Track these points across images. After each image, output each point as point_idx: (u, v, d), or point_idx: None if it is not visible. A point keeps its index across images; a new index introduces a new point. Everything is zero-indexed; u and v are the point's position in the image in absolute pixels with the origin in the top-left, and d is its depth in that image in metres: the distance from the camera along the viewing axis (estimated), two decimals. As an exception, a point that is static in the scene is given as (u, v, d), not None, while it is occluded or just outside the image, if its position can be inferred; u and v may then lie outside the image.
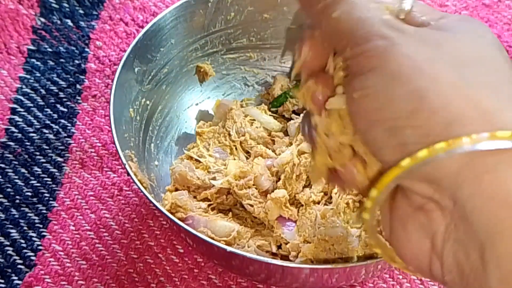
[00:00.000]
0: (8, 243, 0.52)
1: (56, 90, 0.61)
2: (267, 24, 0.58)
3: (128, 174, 0.43)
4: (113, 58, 0.64)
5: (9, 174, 0.55)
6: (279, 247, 0.49)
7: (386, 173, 0.25)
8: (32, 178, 0.55)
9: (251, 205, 0.49)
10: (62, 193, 0.54)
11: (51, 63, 0.63)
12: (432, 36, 0.26)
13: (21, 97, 0.60)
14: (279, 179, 0.50)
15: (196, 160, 0.54)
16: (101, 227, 0.53)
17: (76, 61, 0.63)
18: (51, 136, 0.58)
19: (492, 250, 0.22)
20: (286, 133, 0.56)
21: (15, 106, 0.60)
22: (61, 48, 0.64)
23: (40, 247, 0.51)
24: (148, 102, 0.53)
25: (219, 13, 0.56)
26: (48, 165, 0.56)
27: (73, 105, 0.60)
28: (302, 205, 0.49)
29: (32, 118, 0.59)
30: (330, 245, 0.45)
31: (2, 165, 0.56)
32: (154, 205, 0.42)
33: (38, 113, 0.60)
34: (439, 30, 0.26)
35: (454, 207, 0.24)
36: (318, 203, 0.48)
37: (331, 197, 0.48)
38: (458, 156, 0.23)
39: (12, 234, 0.52)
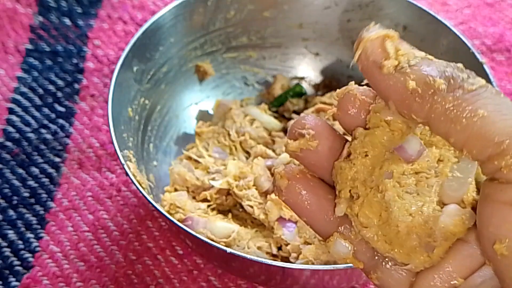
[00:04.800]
0: (5, 244, 0.51)
1: (54, 90, 0.61)
2: (267, 22, 0.58)
3: (127, 175, 0.43)
4: (111, 57, 0.63)
5: (7, 174, 0.55)
6: (279, 248, 0.48)
7: None
8: (29, 178, 0.55)
9: (251, 206, 0.49)
10: (60, 193, 0.54)
11: (49, 62, 0.63)
12: None
13: (19, 97, 0.60)
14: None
15: (195, 160, 0.54)
16: (99, 228, 0.52)
17: (74, 60, 0.63)
18: (48, 136, 0.57)
19: None
20: (286, 133, 0.56)
21: (12, 105, 0.59)
22: (59, 47, 0.64)
23: (37, 248, 0.51)
24: (147, 101, 0.53)
25: (218, 12, 0.55)
26: (45, 165, 0.56)
27: (71, 105, 0.60)
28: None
29: (29, 118, 0.59)
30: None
31: (0, 165, 0.55)
32: (153, 206, 0.41)
33: (36, 113, 0.59)
34: None
35: None
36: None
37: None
38: None
39: (9, 235, 0.52)
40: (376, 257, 0.26)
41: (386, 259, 0.25)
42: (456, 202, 0.24)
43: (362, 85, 0.25)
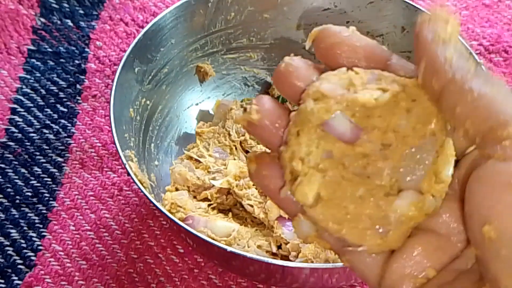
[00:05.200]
0: (8, 243, 0.52)
1: (56, 90, 0.61)
2: (267, 24, 0.58)
3: (128, 174, 0.43)
4: (113, 58, 0.64)
5: (9, 174, 0.55)
6: (279, 247, 0.49)
7: None
8: (32, 178, 0.55)
9: (251, 205, 0.49)
10: (62, 193, 0.54)
11: (51, 63, 0.63)
12: None
13: (21, 97, 0.60)
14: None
15: (196, 160, 0.54)
16: (101, 227, 0.53)
17: (76, 61, 0.63)
18: (51, 136, 0.58)
19: None
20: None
21: (15, 106, 0.60)
22: (61, 48, 0.64)
23: (40, 247, 0.51)
24: (148, 102, 0.53)
25: (219, 13, 0.56)
26: (48, 165, 0.56)
27: (73, 105, 0.60)
28: (302, 205, 0.49)
29: (32, 118, 0.59)
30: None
31: (2, 165, 0.56)
32: (154, 205, 0.42)
33: (38, 113, 0.59)
34: None
35: None
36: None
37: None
38: None
39: (12, 234, 0.52)
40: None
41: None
42: (413, 189, 0.24)
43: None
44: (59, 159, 0.57)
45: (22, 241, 0.52)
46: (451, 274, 0.24)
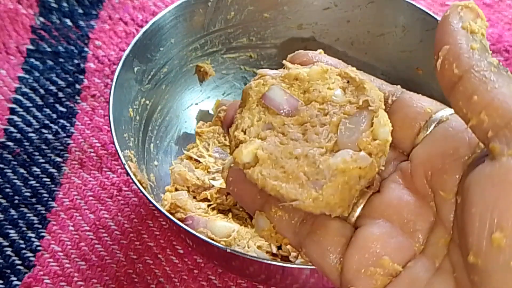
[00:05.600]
0: (7, 243, 0.51)
1: (55, 90, 0.61)
2: (267, 23, 0.58)
3: (128, 174, 0.43)
4: (112, 57, 0.64)
5: (8, 174, 0.55)
6: (279, 247, 0.49)
7: None
8: (31, 178, 0.55)
9: (251, 206, 0.49)
10: (61, 193, 0.54)
11: (50, 62, 0.63)
12: None
13: (20, 97, 0.60)
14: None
15: (196, 160, 0.54)
16: (100, 228, 0.52)
17: (75, 61, 0.63)
18: (50, 136, 0.58)
19: None
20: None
21: (14, 106, 0.60)
22: (60, 47, 0.64)
23: (39, 248, 0.51)
24: (147, 101, 0.53)
25: (219, 13, 0.56)
26: (47, 165, 0.56)
27: (72, 105, 0.60)
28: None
29: (31, 118, 0.59)
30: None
31: (1, 165, 0.56)
32: (154, 206, 0.42)
33: (37, 113, 0.59)
34: None
35: None
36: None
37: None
38: None
39: (11, 235, 0.52)
40: (299, 232, 0.27)
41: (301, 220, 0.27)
42: (350, 149, 0.26)
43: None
44: (58, 159, 0.56)
45: (21, 241, 0.52)
46: (422, 278, 0.24)
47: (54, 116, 0.59)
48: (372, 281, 0.24)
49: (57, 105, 0.60)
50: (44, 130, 0.58)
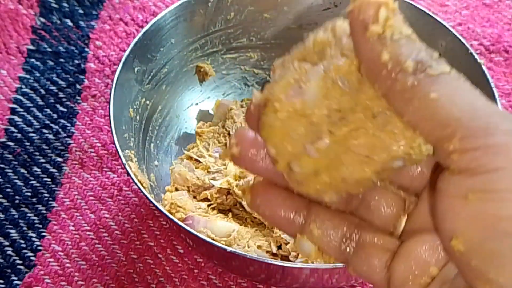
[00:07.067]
0: (7, 243, 0.52)
1: (56, 90, 0.61)
2: (267, 23, 0.58)
3: (128, 174, 0.43)
4: (112, 58, 0.64)
5: (9, 174, 0.55)
6: (279, 247, 0.49)
7: None
8: (31, 178, 0.55)
9: (251, 205, 0.49)
10: (62, 193, 0.54)
11: (51, 63, 0.63)
12: None
13: (21, 97, 0.60)
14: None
15: (196, 160, 0.54)
16: (101, 228, 0.52)
17: (76, 61, 0.63)
18: (50, 136, 0.58)
19: None
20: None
21: (14, 106, 0.60)
22: (60, 48, 0.64)
23: (39, 248, 0.51)
24: (148, 102, 0.53)
25: (219, 13, 0.56)
26: (47, 165, 0.56)
27: (72, 105, 0.60)
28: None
29: (31, 118, 0.59)
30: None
31: (2, 165, 0.56)
32: (154, 205, 0.42)
33: (38, 113, 0.59)
34: None
35: None
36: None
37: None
38: None
39: (11, 235, 0.52)
40: (344, 251, 0.26)
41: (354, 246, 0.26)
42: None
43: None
44: (59, 159, 0.56)
45: (22, 241, 0.52)
46: (451, 272, 0.24)
47: (55, 116, 0.59)
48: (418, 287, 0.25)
49: (58, 105, 0.60)
50: (44, 130, 0.58)
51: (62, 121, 0.59)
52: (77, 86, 0.61)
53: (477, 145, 0.21)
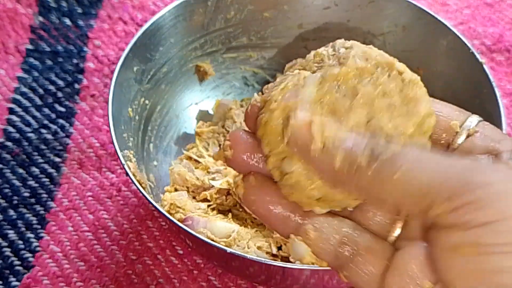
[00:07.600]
0: (5, 244, 0.51)
1: (54, 90, 0.61)
2: (267, 23, 0.58)
3: (127, 175, 0.43)
4: (111, 57, 0.63)
5: (7, 174, 0.55)
6: (279, 248, 0.48)
7: None
8: (30, 178, 0.55)
9: (251, 206, 0.49)
10: (60, 193, 0.54)
11: (49, 62, 0.63)
12: None
13: (19, 97, 0.60)
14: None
15: (196, 160, 0.54)
16: (100, 228, 0.52)
17: (75, 61, 0.63)
18: (49, 136, 0.58)
19: None
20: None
21: (13, 106, 0.59)
22: (59, 47, 0.64)
23: (38, 248, 0.51)
24: (147, 101, 0.53)
25: (219, 12, 0.56)
26: (46, 166, 0.56)
27: (71, 105, 0.60)
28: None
29: (30, 118, 0.59)
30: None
31: (0, 166, 0.55)
32: (153, 206, 0.42)
33: (36, 113, 0.59)
34: None
35: None
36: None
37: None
38: None
39: (9, 235, 0.52)
40: (340, 256, 0.26)
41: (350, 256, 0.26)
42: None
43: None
44: (57, 159, 0.56)
45: (20, 242, 0.51)
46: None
47: (53, 116, 0.59)
48: None
49: (56, 105, 0.60)
50: (43, 130, 0.58)
51: (61, 121, 0.59)
52: (76, 85, 0.61)
53: (459, 204, 0.21)
